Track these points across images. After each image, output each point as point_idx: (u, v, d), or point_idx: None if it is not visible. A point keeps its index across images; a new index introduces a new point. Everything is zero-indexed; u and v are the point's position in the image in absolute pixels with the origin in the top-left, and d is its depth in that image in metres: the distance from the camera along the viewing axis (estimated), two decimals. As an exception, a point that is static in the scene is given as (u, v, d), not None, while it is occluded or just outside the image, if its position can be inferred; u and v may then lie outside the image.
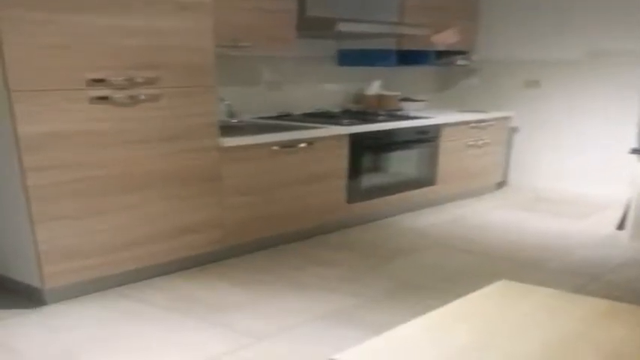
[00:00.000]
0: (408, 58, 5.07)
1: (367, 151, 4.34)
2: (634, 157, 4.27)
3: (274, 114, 4.53)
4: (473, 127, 5.17)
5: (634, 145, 4.36)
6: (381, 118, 4.59)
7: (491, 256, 3.81)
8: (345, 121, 4.30)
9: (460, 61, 5.60)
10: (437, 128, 4.85)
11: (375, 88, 5.12)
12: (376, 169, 4.47)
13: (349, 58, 4.90)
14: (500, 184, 5.84)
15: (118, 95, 3.00)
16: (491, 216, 4.81)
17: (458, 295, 2.03)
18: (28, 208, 2.79)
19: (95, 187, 2.99)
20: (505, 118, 5.54)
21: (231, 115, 4.04)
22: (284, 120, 4.32)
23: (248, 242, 3.77)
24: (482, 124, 5.26)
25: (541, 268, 3.60)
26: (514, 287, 2.05)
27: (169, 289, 3.21)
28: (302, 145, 3.88)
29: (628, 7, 5.03)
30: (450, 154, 5.02)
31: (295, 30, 4.04)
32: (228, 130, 3.67)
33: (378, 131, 4.37)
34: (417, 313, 2.51)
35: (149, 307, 2.99)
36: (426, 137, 4.78)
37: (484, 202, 5.29)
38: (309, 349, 2.58)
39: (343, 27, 4.09)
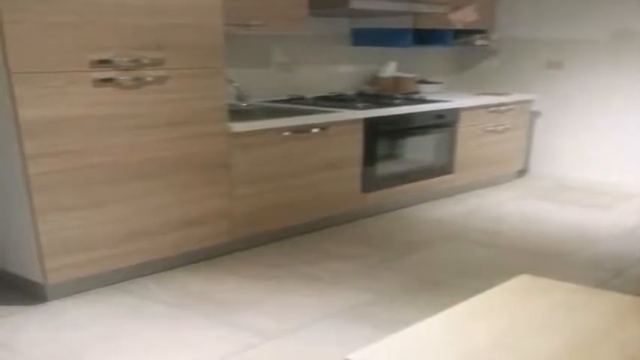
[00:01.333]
0: (425, 37, 5.02)
1: (382, 137, 4.32)
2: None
3: (285, 97, 4.50)
4: (492, 111, 5.14)
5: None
6: (396, 101, 4.55)
7: (512, 249, 3.80)
8: (360, 104, 4.26)
9: (479, 41, 5.54)
10: (455, 112, 4.81)
11: (390, 70, 5.08)
12: (392, 156, 4.44)
13: (363, 38, 4.86)
14: (521, 172, 5.81)
15: (123, 77, 2.97)
16: (511, 206, 4.79)
17: (477, 291, 2.03)
18: (30, 198, 2.77)
19: (99, 176, 2.97)
20: (526, 102, 5.50)
21: (241, 98, 4.01)
22: (296, 103, 4.29)
23: (258, 234, 3.76)
24: (502, 107, 5.22)
25: (563, 262, 3.59)
26: (535, 282, 2.05)
27: (175, 285, 3.20)
28: (315, 130, 3.85)
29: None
30: (468, 140, 4.99)
31: (307, 8, 4.00)
32: (237, 114, 3.64)
33: (394, 116, 4.33)
34: (434, 310, 2.51)
35: (154, 303, 2.98)
36: (444, 122, 4.75)
37: (504, 192, 5.27)
38: (321, 348, 2.57)
39: (357, 4, 4.04)
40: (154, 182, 3.18)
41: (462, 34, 5.38)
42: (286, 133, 3.70)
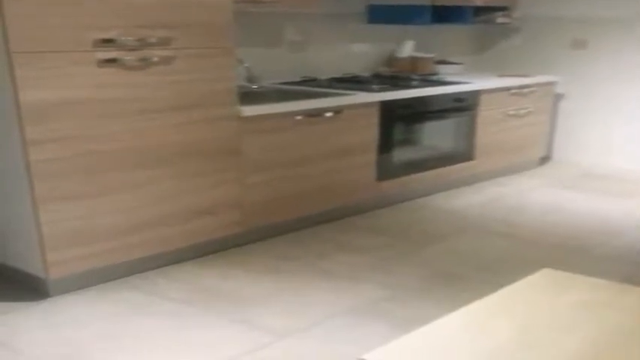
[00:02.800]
0: (444, 14, 4.98)
1: (399, 122, 4.28)
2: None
3: (298, 79, 4.47)
4: (514, 94, 5.10)
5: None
6: (414, 83, 4.51)
7: (534, 241, 3.79)
8: (376, 86, 4.23)
9: (500, 19, 5.50)
10: (475, 95, 4.78)
11: (407, 50, 5.04)
12: (408, 141, 4.42)
13: (380, 15, 4.82)
14: (544, 159, 5.79)
15: (129, 57, 2.93)
16: (533, 196, 4.77)
17: (497, 286, 2.03)
18: (31, 186, 2.74)
19: (103, 163, 2.94)
20: (549, 84, 5.46)
21: (251, 80, 3.97)
22: (309, 85, 4.25)
23: (269, 225, 3.74)
24: (525, 90, 5.19)
25: (588, 255, 3.58)
26: (558, 277, 2.05)
27: (183, 279, 3.18)
28: (328, 114, 3.82)
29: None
30: (489, 125, 4.96)
31: (321, -17, 3.97)
32: (247, 97, 3.61)
33: (411, 98, 4.30)
34: (453, 306, 2.49)
35: (161, 299, 2.96)
36: (464, 105, 4.71)
37: (526, 180, 5.26)
38: (335, 347, 2.56)
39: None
40: (161, 170, 3.15)
41: (482, 12, 5.33)
42: (299, 118, 3.67)
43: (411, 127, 4.39)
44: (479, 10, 5.26)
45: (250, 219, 3.58)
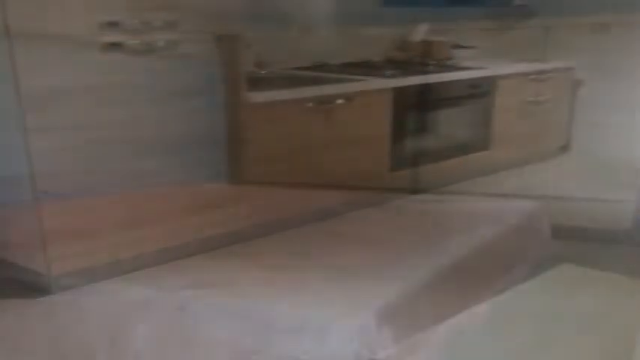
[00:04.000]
0: (459, -5, 4.98)
1: (413, 109, 4.28)
2: None
3: (308, 64, 4.45)
4: (532, 80, 5.09)
5: None
6: (428, 68, 4.51)
7: (553, 235, 3.79)
8: (388, 72, 4.22)
9: (518, 1, 5.49)
10: (491, 81, 4.77)
11: (421, 33, 5.02)
12: (422, 130, 4.41)
13: (393, -3, 4.80)
14: (563, 149, 5.77)
15: (133, 42, 2.93)
16: (551, 187, 4.77)
17: (517, 281, 2.02)
18: (32, 178, 2.74)
19: (108, 152, 2.96)
20: (569, 69, 5.45)
21: (260, 65, 3.96)
22: (319, 71, 4.25)
23: (279, 218, 3.73)
24: (543, 76, 5.17)
25: (609, 250, 3.57)
26: (578, 273, 2.06)
27: (190, 276, 3.17)
28: (339, 101, 3.80)
29: None
30: (505, 113, 4.94)
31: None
32: (256, 82, 3.59)
33: (426, 85, 4.30)
34: (470, 303, 2.51)
35: (168, 296, 2.95)
36: (479, 92, 4.71)
37: (544, 171, 5.25)
38: (347, 346, 2.56)
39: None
40: (168, 160, 3.16)
41: (498, -8, 5.33)
42: (309, 105, 3.66)
43: (425, 114, 4.39)
44: (495, -9, 5.26)
45: (259, 212, 3.58)
